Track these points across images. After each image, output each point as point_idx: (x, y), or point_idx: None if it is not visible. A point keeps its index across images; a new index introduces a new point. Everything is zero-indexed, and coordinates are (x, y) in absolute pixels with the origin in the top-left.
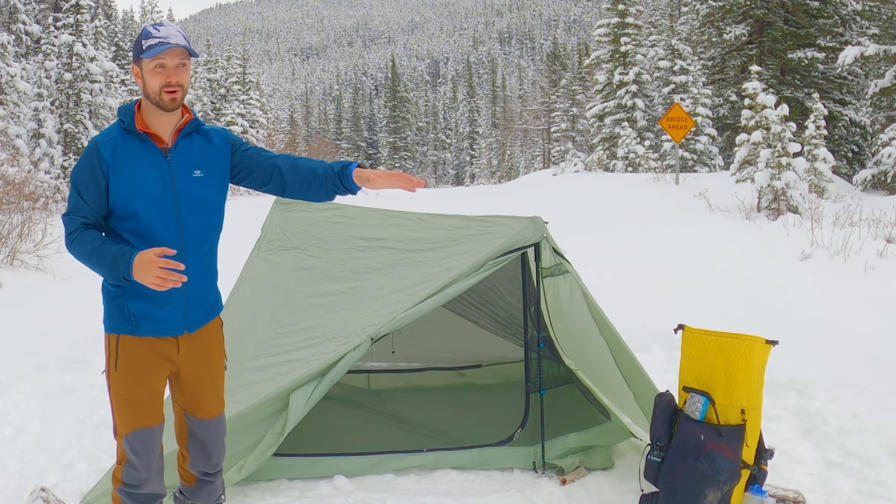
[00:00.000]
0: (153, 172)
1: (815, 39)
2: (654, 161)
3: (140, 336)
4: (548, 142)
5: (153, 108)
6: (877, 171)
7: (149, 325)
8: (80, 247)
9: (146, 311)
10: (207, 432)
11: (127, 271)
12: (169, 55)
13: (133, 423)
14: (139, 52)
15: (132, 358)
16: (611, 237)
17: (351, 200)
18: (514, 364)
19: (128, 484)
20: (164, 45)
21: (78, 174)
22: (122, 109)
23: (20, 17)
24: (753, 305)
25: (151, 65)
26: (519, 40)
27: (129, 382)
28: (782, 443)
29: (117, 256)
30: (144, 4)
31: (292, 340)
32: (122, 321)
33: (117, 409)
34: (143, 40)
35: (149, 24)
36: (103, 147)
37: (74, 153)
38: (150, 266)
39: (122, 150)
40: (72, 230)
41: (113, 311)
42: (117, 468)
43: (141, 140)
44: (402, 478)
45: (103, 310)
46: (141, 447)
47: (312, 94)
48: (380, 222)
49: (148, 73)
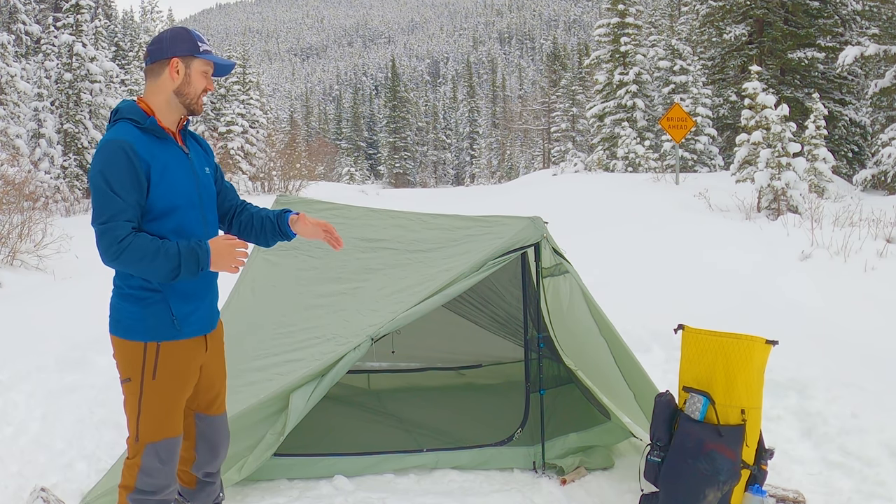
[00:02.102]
0: (183, 169)
1: (815, 39)
2: (654, 161)
3: (182, 339)
4: (548, 142)
5: (176, 108)
6: (877, 171)
7: (191, 325)
8: (137, 250)
9: (189, 311)
10: (217, 429)
11: (207, 259)
12: (213, 66)
13: (163, 433)
14: (193, 50)
15: (174, 364)
16: (611, 237)
17: (351, 201)
18: (514, 364)
19: (142, 491)
20: (217, 58)
21: (114, 176)
22: (130, 111)
23: (20, 17)
24: (753, 305)
25: (203, 67)
26: (519, 40)
27: (168, 391)
28: (782, 443)
29: (192, 248)
30: (144, 4)
31: (292, 341)
32: (163, 327)
33: (149, 418)
34: (197, 41)
35: (189, 28)
36: (138, 146)
37: (74, 153)
38: (229, 250)
39: (151, 148)
40: (123, 236)
41: (149, 318)
42: (128, 475)
43: (161, 138)
44: (402, 478)
45: (128, 318)
46: (168, 456)
47: (312, 94)
48: (380, 223)
49: (197, 73)
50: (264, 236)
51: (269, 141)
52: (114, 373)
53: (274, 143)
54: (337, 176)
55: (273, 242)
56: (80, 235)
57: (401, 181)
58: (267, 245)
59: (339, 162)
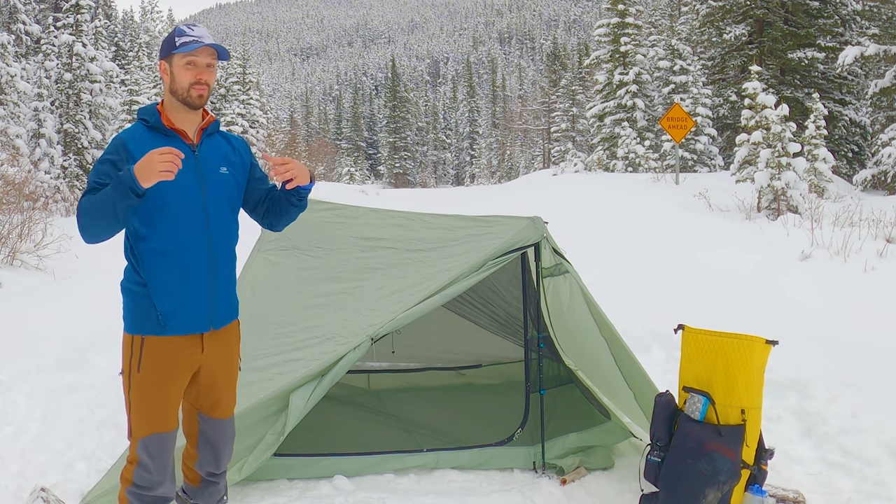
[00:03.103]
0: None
1: (815, 39)
2: (654, 161)
3: (166, 336)
4: (548, 142)
5: (178, 107)
6: (877, 171)
7: (177, 322)
8: (83, 210)
9: (174, 308)
10: (219, 433)
11: (132, 180)
12: (201, 53)
13: (150, 427)
14: (170, 48)
15: (156, 360)
16: (611, 237)
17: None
18: (514, 364)
19: (138, 485)
20: (197, 43)
21: (97, 166)
22: (143, 111)
23: (20, 17)
24: (753, 305)
25: (183, 61)
26: (519, 40)
27: (151, 385)
28: (782, 443)
29: (119, 180)
30: (144, 4)
31: (292, 340)
32: (148, 321)
33: (135, 412)
34: (175, 38)
35: (181, 24)
36: (130, 142)
37: (74, 153)
38: (149, 160)
39: (148, 145)
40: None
41: (137, 312)
42: (127, 468)
43: (167, 136)
44: (402, 478)
45: (124, 310)
46: (157, 451)
47: (312, 94)
48: (380, 222)
49: (178, 68)
50: (282, 208)
51: (269, 141)
52: (114, 373)
53: (274, 143)
54: (337, 176)
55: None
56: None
57: (401, 181)
58: (292, 218)
59: (339, 162)
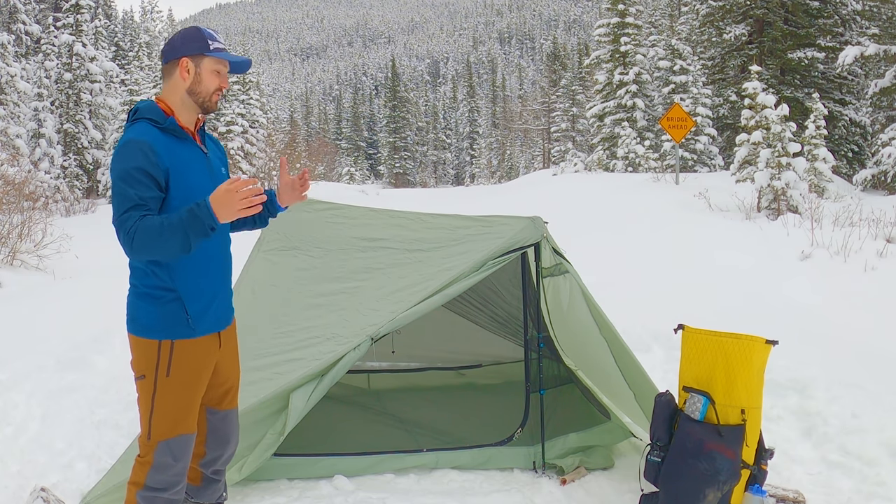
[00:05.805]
0: (201, 168)
1: (815, 39)
2: (654, 161)
3: (197, 337)
4: (548, 142)
5: (192, 108)
6: (877, 171)
7: (205, 323)
8: (144, 234)
9: (203, 308)
10: (228, 423)
11: (210, 215)
12: (227, 64)
13: (178, 429)
14: (202, 49)
15: (188, 362)
16: (611, 237)
17: (351, 201)
18: (514, 364)
19: (151, 487)
20: (229, 55)
21: (130, 175)
22: (147, 110)
23: (20, 17)
24: (753, 305)
25: (214, 66)
26: (519, 40)
27: (183, 387)
28: (782, 443)
29: (191, 211)
30: (144, 4)
31: (292, 340)
32: (177, 325)
33: (159, 415)
34: (207, 39)
35: (201, 26)
36: (157, 146)
37: (74, 153)
38: (229, 196)
39: (170, 148)
40: (131, 225)
41: (164, 316)
42: (138, 471)
43: (180, 138)
44: (402, 478)
45: (142, 316)
46: (182, 452)
47: (312, 94)
48: (380, 222)
49: (208, 72)
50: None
51: (269, 141)
52: (114, 373)
53: (274, 143)
54: (337, 176)
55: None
56: (80, 235)
57: (401, 181)
58: (264, 224)
59: (339, 162)
